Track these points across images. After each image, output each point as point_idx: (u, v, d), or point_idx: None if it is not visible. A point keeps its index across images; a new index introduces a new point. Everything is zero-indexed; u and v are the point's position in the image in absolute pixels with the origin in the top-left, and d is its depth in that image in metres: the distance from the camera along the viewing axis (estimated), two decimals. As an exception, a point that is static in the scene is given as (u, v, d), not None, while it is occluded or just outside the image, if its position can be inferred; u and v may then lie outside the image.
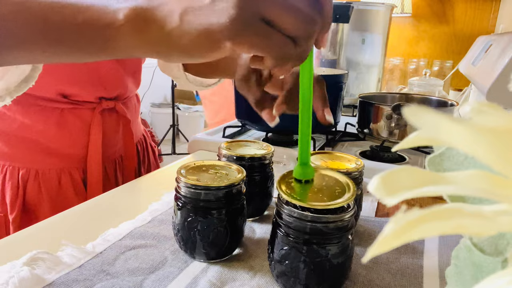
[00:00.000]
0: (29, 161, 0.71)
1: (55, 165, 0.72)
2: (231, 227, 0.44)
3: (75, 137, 0.73)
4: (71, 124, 0.72)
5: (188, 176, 0.43)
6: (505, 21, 1.67)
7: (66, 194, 0.73)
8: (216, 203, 0.42)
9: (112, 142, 0.79)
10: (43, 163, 0.72)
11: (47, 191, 0.72)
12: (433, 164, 0.23)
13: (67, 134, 0.72)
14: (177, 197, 0.44)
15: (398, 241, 0.13)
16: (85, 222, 0.54)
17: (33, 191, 0.71)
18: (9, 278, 0.38)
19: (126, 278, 0.40)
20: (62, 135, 0.72)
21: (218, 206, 0.42)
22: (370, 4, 1.26)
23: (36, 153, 0.71)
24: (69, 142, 0.73)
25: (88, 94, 0.72)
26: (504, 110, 0.14)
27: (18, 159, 0.71)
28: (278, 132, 0.94)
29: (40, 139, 0.71)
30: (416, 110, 0.13)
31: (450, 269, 0.26)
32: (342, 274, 0.39)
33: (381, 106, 0.85)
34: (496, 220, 0.14)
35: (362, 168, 0.50)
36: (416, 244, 0.50)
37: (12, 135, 0.70)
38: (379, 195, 0.14)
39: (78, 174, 0.75)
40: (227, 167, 0.47)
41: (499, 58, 0.82)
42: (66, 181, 0.73)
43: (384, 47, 1.34)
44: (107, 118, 0.77)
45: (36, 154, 0.71)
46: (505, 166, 0.14)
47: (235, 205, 0.44)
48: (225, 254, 0.45)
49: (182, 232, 0.43)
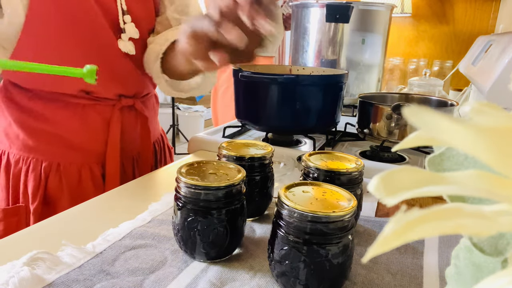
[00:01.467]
0: (52, 154, 0.74)
1: (76, 159, 0.75)
2: (231, 227, 0.44)
3: (95, 132, 0.76)
4: (92, 119, 0.75)
5: (188, 176, 0.43)
6: (505, 21, 1.67)
7: (86, 188, 0.76)
8: (216, 203, 0.42)
9: (130, 139, 0.81)
10: (65, 157, 0.74)
11: (67, 184, 0.74)
12: (433, 164, 0.23)
13: (88, 129, 0.75)
14: (177, 197, 0.44)
15: (398, 241, 0.13)
16: (85, 222, 0.54)
17: (54, 183, 0.74)
18: (9, 278, 0.38)
19: (126, 278, 0.40)
20: (83, 130, 0.75)
21: (218, 206, 0.42)
22: (370, 4, 1.26)
23: (59, 147, 0.74)
24: (90, 137, 0.76)
25: (108, 91, 0.75)
26: (504, 110, 0.14)
27: (42, 152, 0.73)
28: (278, 132, 0.94)
29: (63, 134, 0.74)
30: (416, 110, 0.13)
31: (450, 269, 0.26)
32: (342, 274, 0.39)
33: (381, 106, 0.85)
34: (496, 220, 0.14)
35: (362, 168, 0.50)
36: (416, 244, 0.50)
37: (37, 129, 0.73)
38: (379, 195, 0.14)
39: (97, 169, 0.77)
40: (227, 167, 0.47)
41: (499, 58, 0.82)
42: (86, 176, 0.76)
43: (384, 47, 1.34)
44: (126, 115, 0.79)
45: (59, 148, 0.74)
46: (505, 166, 0.14)
47: (235, 205, 0.44)
48: (225, 254, 0.45)
49: (182, 232, 0.43)
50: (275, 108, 0.85)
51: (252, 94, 0.88)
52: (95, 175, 0.77)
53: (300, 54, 1.35)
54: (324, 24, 1.27)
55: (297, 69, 1.03)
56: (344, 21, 1.22)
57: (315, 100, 0.85)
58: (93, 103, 0.75)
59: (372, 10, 1.26)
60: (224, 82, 1.75)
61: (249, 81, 0.86)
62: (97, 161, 0.77)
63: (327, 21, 1.24)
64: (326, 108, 0.87)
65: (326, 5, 1.22)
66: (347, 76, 0.90)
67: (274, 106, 0.85)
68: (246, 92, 0.89)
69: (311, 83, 0.84)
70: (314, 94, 0.84)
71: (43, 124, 0.73)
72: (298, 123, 0.86)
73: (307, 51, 1.33)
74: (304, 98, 0.84)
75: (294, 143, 0.96)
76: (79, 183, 0.76)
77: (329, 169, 0.48)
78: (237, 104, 0.93)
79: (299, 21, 1.34)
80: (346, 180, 0.49)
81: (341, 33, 1.27)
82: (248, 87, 0.88)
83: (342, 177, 0.48)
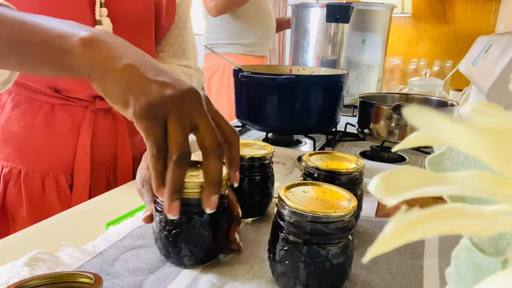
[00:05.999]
0: (14, 159, 0.68)
1: (40, 166, 0.69)
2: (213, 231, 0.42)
3: (63, 136, 0.69)
4: (61, 121, 0.69)
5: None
6: (505, 21, 1.67)
7: (49, 199, 0.70)
8: (197, 207, 0.40)
9: (104, 146, 0.74)
10: (27, 163, 0.69)
11: (28, 194, 0.69)
12: (433, 164, 0.23)
13: (56, 131, 0.69)
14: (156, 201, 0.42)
15: (398, 241, 0.13)
16: (85, 222, 0.54)
17: (14, 193, 0.69)
18: (9, 278, 0.38)
19: (126, 278, 0.40)
20: (50, 132, 0.69)
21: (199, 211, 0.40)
22: (370, 4, 1.26)
23: (22, 151, 0.68)
24: (57, 142, 0.69)
25: (81, 90, 0.68)
26: (504, 110, 0.14)
27: (3, 156, 0.69)
28: (278, 132, 0.94)
29: (27, 136, 0.68)
30: (416, 110, 0.13)
31: (450, 269, 0.26)
32: (342, 274, 0.39)
33: (381, 106, 0.85)
34: (496, 220, 0.14)
35: (362, 168, 0.50)
36: (416, 244, 0.50)
37: (0, 129, 0.68)
38: (379, 195, 0.14)
39: (64, 178, 0.71)
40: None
41: (499, 58, 0.82)
42: (50, 186, 0.70)
43: (384, 47, 1.34)
44: (100, 119, 0.72)
45: (22, 152, 0.68)
46: (505, 166, 0.13)
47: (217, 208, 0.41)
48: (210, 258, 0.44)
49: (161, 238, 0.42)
50: (275, 108, 0.85)
51: (252, 94, 0.88)
52: (60, 185, 0.70)
53: (300, 54, 1.35)
54: (324, 24, 1.27)
55: (297, 69, 1.03)
56: (344, 21, 1.22)
57: (315, 100, 0.85)
58: (63, 102, 0.68)
59: (372, 10, 1.26)
60: (217, 82, 1.76)
61: (250, 81, 0.86)
62: (64, 170, 0.70)
63: (327, 21, 1.24)
64: (326, 108, 0.87)
65: (326, 5, 1.22)
66: (347, 76, 0.90)
67: (274, 106, 0.85)
68: (246, 92, 0.89)
69: (311, 83, 0.84)
70: (314, 94, 0.84)
71: (6, 123, 0.67)
72: (298, 123, 0.86)
73: (307, 51, 1.33)
74: (304, 98, 0.84)
75: (294, 143, 0.96)
76: (42, 194, 0.69)
77: (329, 169, 0.48)
78: (237, 104, 0.93)
79: (299, 21, 1.34)
80: (346, 180, 0.49)
81: (341, 33, 1.27)
82: (248, 87, 0.88)
83: (342, 177, 0.48)
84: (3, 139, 0.69)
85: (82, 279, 0.35)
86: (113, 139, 0.75)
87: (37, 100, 0.68)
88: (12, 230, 0.70)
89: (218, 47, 1.75)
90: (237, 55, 1.74)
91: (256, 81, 0.85)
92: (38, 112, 0.68)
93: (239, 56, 1.74)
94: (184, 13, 0.81)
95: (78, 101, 0.69)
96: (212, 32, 1.75)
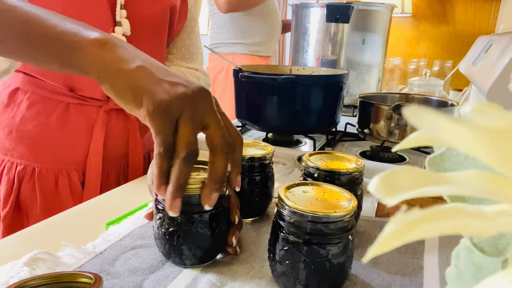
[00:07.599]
0: (28, 157, 0.70)
1: (53, 165, 0.71)
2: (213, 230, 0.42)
3: (77, 135, 0.71)
4: (75, 120, 0.70)
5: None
6: (505, 21, 1.67)
7: (62, 196, 0.71)
8: (198, 206, 0.40)
9: (116, 145, 0.76)
10: (41, 161, 0.70)
11: (41, 191, 0.70)
12: (433, 164, 0.23)
13: (70, 130, 0.70)
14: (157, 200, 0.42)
15: (398, 241, 0.13)
16: (85, 222, 0.54)
17: (28, 190, 0.70)
18: (9, 278, 0.38)
19: (126, 278, 0.40)
20: (64, 131, 0.70)
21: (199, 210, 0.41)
22: (370, 4, 1.26)
23: (36, 150, 0.70)
24: (71, 140, 0.71)
25: (96, 89, 0.70)
26: (504, 110, 0.14)
27: (17, 155, 0.70)
28: (278, 132, 0.94)
29: (41, 134, 0.69)
30: (416, 110, 0.13)
31: (450, 269, 0.26)
32: (342, 274, 0.39)
33: (381, 106, 0.85)
34: (496, 220, 0.14)
35: (362, 168, 0.50)
36: (416, 244, 0.50)
37: (15, 128, 0.69)
38: (379, 195, 0.14)
39: (76, 176, 0.72)
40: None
41: (499, 58, 0.82)
42: (63, 183, 0.71)
43: (384, 47, 1.34)
44: (113, 119, 0.74)
45: (36, 150, 0.70)
46: (505, 166, 0.13)
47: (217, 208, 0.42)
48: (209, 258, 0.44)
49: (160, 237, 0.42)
50: (275, 108, 0.85)
51: (252, 94, 0.88)
52: (73, 182, 0.72)
53: (300, 54, 1.35)
54: (324, 24, 1.27)
55: (297, 69, 1.03)
56: (344, 21, 1.22)
57: (315, 100, 0.85)
58: (78, 102, 0.70)
59: (372, 10, 1.26)
60: (221, 82, 1.76)
61: (250, 81, 0.86)
62: (77, 168, 0.72)
63: (327, 21, 1.24)
64: (326, 108, 0.87)
65: (326, 5, 1.22)
66: (347, 76, 0.90)
67: (274, 106, 0.85)
68: (246, 92, 0.89)
69: (311, 83, 0.84)
70: (314, 94, 0.84)
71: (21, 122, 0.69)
72: (298, 123, 0.86)
73: (307, 51, 1.33)
74: (304, 98, 0.84)
75: (294, 143, 0.96)
76: (55, 191, 0.71)
77: (329, 169, 0.48)
78: (237, 104, 0.93)
79: (299, 21, 1.34)
80: (346, 180, 0.49)
81: (341, 33, 1.27)
82: (248, 87, 0.88)
83: (342, 177, 0.48)
84: (17, 137, 0.70)
85: (82, 279, 0.35)
86: (125, 139, 0.77)
87: (52, 99, 0.69)
88: (26, 225, 0.71)
89: (224, 46, 1.74)
90: (241, 55, 1.73)
91: (256, 81, 0.85)
92: (53, 111, 0.69)
93: (243, 56, 1.73)
94: (193, 17, 0.83)
95: (92, 100, 0.71)
96: (218, 31, 1.74)
